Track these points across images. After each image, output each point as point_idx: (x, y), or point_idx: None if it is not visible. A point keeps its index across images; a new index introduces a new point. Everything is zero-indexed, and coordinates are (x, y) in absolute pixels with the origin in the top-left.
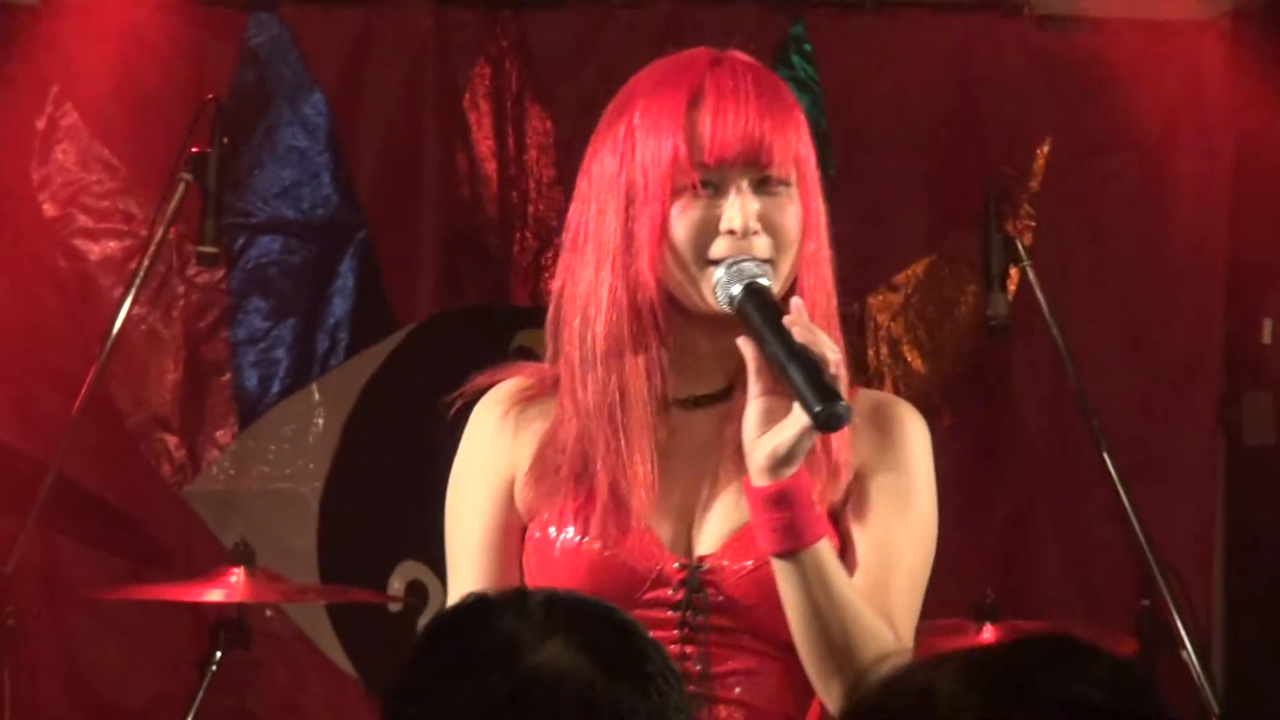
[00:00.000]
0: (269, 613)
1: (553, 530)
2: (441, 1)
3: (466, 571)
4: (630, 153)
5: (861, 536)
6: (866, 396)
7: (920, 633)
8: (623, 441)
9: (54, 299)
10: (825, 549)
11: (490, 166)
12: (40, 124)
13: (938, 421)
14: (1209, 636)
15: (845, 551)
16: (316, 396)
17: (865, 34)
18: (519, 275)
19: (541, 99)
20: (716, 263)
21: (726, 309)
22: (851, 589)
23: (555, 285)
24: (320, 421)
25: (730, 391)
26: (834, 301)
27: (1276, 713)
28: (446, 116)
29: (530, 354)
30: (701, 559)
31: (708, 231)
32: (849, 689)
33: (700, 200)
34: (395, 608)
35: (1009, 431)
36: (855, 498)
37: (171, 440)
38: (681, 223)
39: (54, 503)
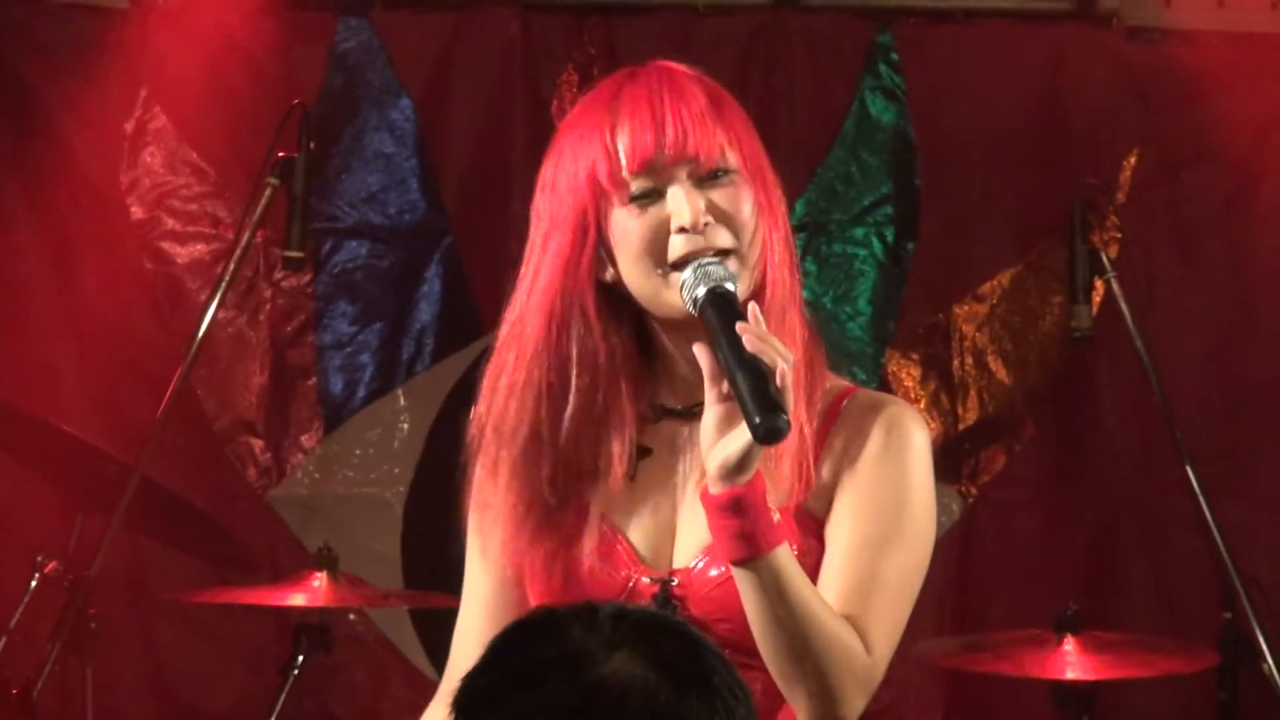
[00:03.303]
0: (352, 617)
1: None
2: (529, 8)
3: (477, 583)
4: (554, 185)
5: (846, 542)
6: (865, 397)
7: (1002, 643)
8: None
9: (141, 302)
10: (784, 557)
11: None
12: (129, 127)
13: (1022, 431)
14: None
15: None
16: (402, 401)
17: (953, 44)
18: None
19: None
20: (679, 265)
21: (692, 311)
22: (816, 597)
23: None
24: (405, 426)
25: None
26: (796, 288)
27: None
28: (533, 123)
29: None
30: (673, 572)
31: (661, 236)
32: None
33: (645, 208)
34: None
35: (1093, 443)
36: (843, 500)
37: (257, 444)
38: (633, 234)
39: (139, 505)
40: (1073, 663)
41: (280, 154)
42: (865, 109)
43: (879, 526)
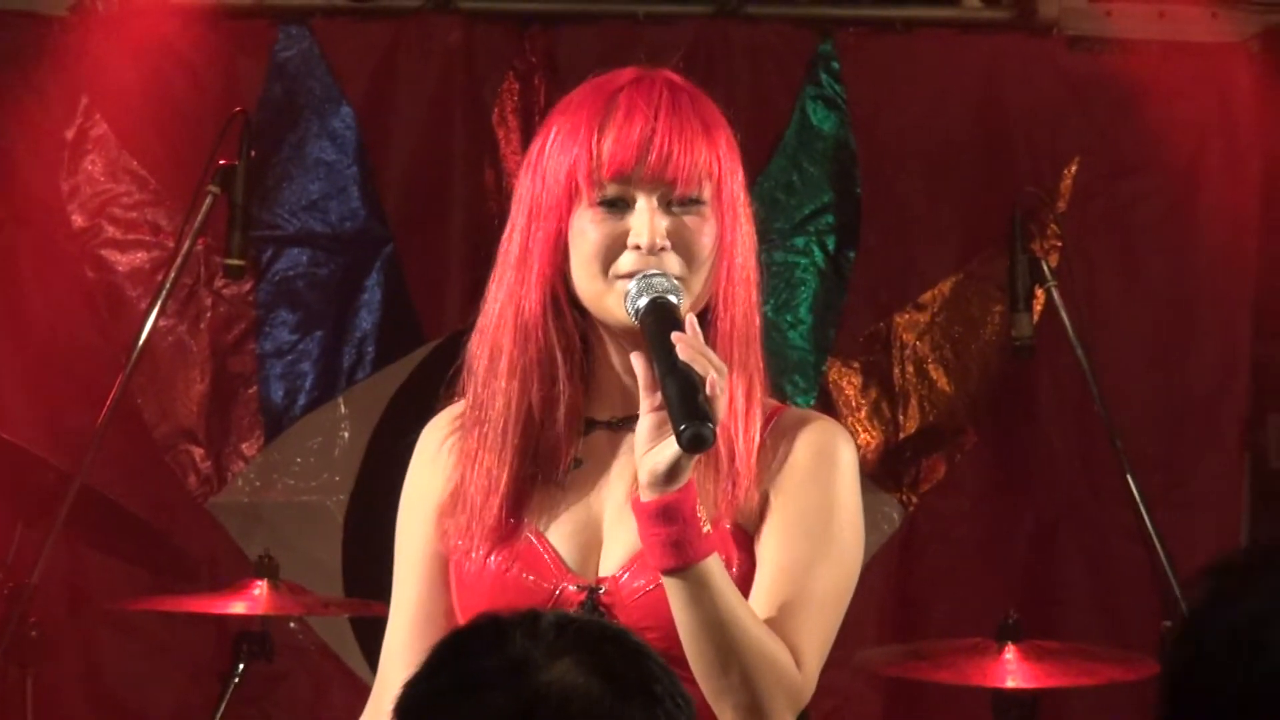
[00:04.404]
0: (293, 625)
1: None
2: (470, 16)
3: (405, 597)
4: (539, 173)
5: (774, 558)
6: (792, 415)
7: (943, 652)
8: (521, 458)
9: (82, 310)
10: (714, 566)
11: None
12: (69, 134)
13: (963, 440)
14: None
15: (755, 572)
16: (343, 409)
17: (894, 53)
18: None
19: None
20: (625, 277)
21: (633, 321)
22: (745, 609)
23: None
24: (346, 435)
25: None
26: (755, 323)
27: None
28: (474, 131)
29: None
30: (600, 581)
31: (616, 246)
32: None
33: (609, 215)
34: None
35: (1033, 452)
36: (772, 518)
37: (197, 452)
38: (590, 236)
39: (79, 513)
40: (1013, 671)
41: (221, 162)
42: (806, 118)
43: (807, 545)
